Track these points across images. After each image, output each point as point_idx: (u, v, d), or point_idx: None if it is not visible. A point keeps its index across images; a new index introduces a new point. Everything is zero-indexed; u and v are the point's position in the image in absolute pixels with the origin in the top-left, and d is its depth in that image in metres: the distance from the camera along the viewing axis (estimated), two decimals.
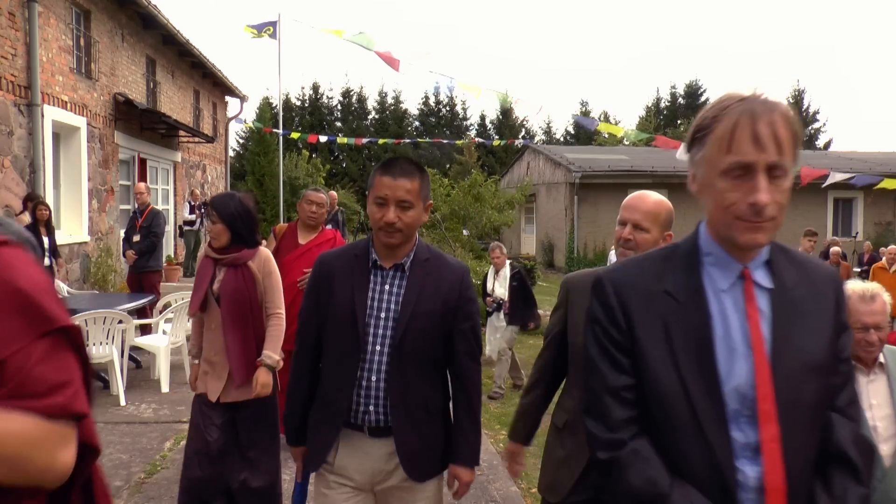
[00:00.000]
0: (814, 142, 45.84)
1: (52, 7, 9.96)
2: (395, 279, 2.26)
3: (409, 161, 2.20)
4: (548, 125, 47.95)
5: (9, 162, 8.86)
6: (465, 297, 2.29)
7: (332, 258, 2.34)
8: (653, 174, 22.11)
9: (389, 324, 2.21)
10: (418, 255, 2.29)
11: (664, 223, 2.29)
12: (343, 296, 2.23)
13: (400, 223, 2.16)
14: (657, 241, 2.25)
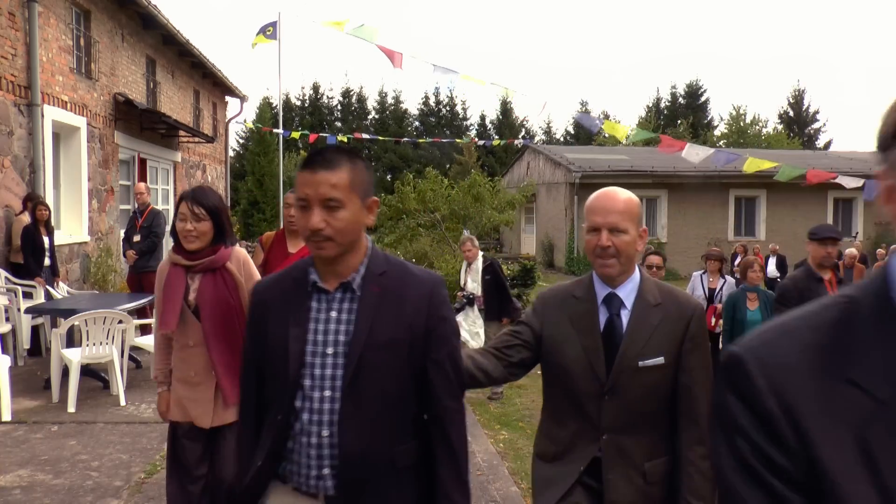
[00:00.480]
0: (814, 142, 45.84)
1: (52, 7, 9.96)
2: (344, 303, 1.77)
3: (337, 149, 1.74)
4: (548, 125, 47.98)
5: (9, 162, 8.86)
6: (436, 317, 1.80)
7: (266, 285, 1.91)
8: (653, 174, 22.10)
9: (339, 361, 1.73)
10: (371, 268, 1.80)
11: (639, 219, 2.14)
12: (277, 332, 1.77)
13: (329, 229, 1.69)
14: (636, 242, 2.11)
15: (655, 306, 2.10)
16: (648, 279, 2.18)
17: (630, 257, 2.11)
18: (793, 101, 46.94)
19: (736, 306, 5.90)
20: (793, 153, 30.01)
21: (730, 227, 22.74)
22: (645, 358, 2.05)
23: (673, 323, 2.08)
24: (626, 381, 2.06)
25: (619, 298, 2.12)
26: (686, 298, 2.17)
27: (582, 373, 2.11)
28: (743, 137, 42.98)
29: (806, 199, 22.71)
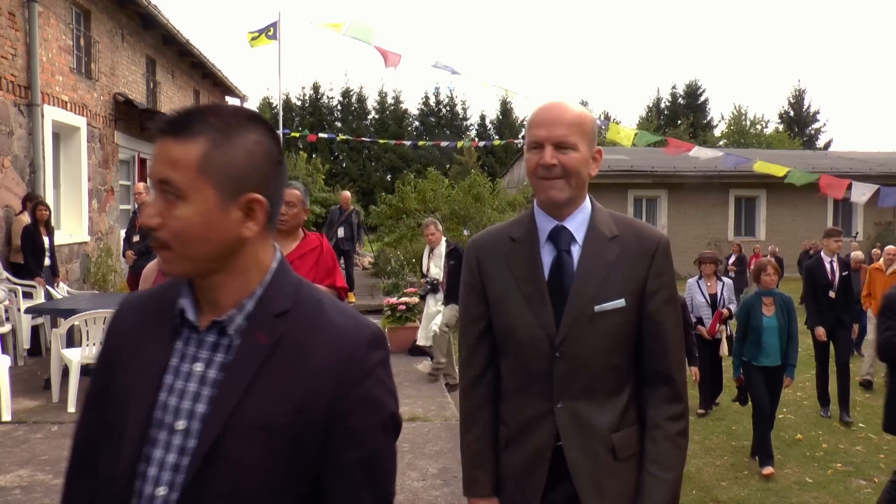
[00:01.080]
0: (814, 142, 45.83)
1: (52, 7, 9.96)
2: (217, 352, 1.12)
3: (207, 109, 1.15)
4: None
5: (9, 162, 8.86)
6: (352, 398, 1.10)
7: (130, 305, 1.24)
8: (653, 174, 22.11)
9: (190, 444, 1.08)
10: (266, 303, 1.12)
11: (591, 137, 1.76)
12: (122, 383, 1.14)
13: (164, 231, 1.10)
14: (588, 163, 1.75)
15: (612, 239, 1.76)
16: (602, 209, 1.83)
17: (581, 181, 1.75)
18: (793, 101, 46.95)
19: (751, 312, 5.52)
20: (793, 153, 30.01)
21: (730, 228, 22.73)
22: (601, 301, 1.71)
23: (634, 258, 1.75)
24: (581, 331, 1.71)
25: (567, 232, 1.77)
26: (648, 229, 1.83)
27: (526, 330, 1.74)
28: (744, 137, 42.97)
29: (806, 199, 22.67)
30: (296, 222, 3.68)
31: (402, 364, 8.13)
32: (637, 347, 1.78)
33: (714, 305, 6.97)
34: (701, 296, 7.00)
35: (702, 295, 7.00)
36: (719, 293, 6.96)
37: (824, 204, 23.00)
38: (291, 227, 3.70)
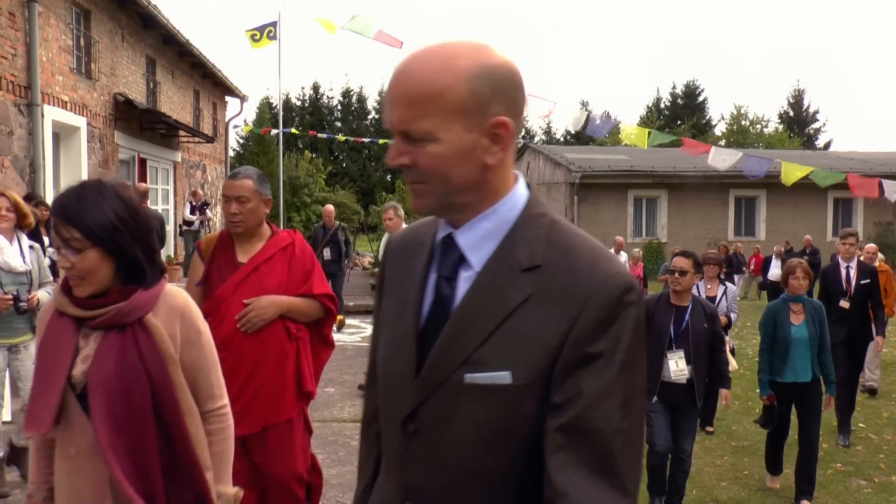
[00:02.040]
0: (813, 141, 45.84)
1: (52, 7, 9.96)
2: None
3: None
4: (548, 125, 48.02)
5: (9, 162, 8.86)
6: None
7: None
8: (653, 174, 22.11)
9: None
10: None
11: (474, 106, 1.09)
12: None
13: None
14: (467, 149, 1.10)
15: (527, 271, 1.09)
16: (542, 217, 1.15)
17: (457, 183, 1.11)
18: (793, 101, 46.97)
19: (777, 321, 4.85)
20: (793, 153, 30.02)
21: (730, 228, 22.73)
22: (477, 368, 1.08)
23: (550, 306, 1.07)
24: (443, 408, 1.12)
25: (455, 249, 1.15)
26: (593, 264, 1.10)
27: (387, 382, 1.22)
28: (744, 137, 42.98)
29: (806, 199, 22.70)
30: (254, 220, 3.03)
31: None
32: (537, 452, 1.08)
33: None
34: None
35: None
36: (719, 297, 6.40)
37: (824, 204, 23.00)
38: (249, 227, 3.03)
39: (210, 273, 3.09)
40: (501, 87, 1.09)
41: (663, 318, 4.32)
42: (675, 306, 4.35)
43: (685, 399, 4.29)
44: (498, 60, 1.10)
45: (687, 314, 4.32)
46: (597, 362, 1.05)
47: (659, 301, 4.42)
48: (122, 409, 1.79)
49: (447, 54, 1.08)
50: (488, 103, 1.08)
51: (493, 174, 1.12)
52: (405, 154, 1.11)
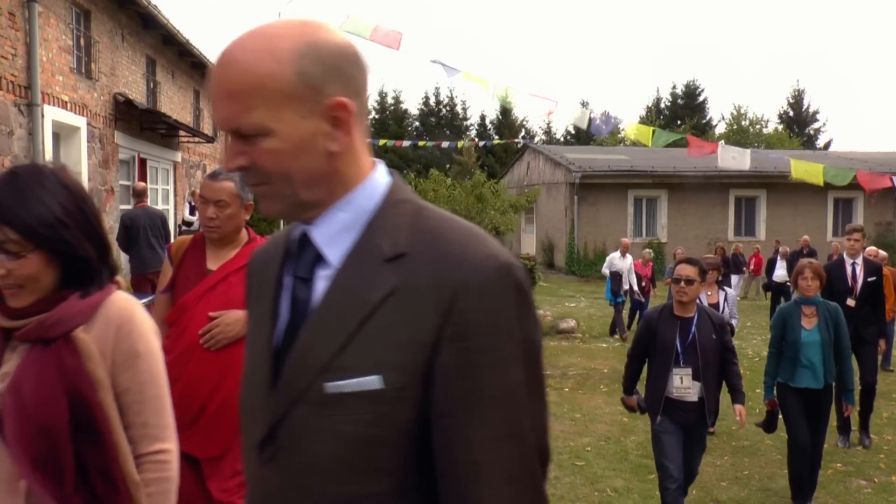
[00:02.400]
0: (813, 142, 45.85)
1: (52, 7, 9.95)
2: None
3: None
4: (548, 125, 48.03)
5: (9, 162, 8.86)
6: None
7: None
8: (653, 174, 22.11)
9: None
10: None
11: (304, 90, 0.96)
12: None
13: None
14: (307, 139, 0.97)
15: (391, 261, 0.97)
16: (406, 202, 1.03)
17: (304, 178, 0.99)
18: (793, 101, 46.98)
19: (787, 325, 4.61)
20: (793, 153, 30.02)
21: (730, 228, 22.74)
22: (339, 375, 0.95)
23: (417, 299, 0.94)
24: (302, 426, 0.98)
25: (311, 246, 1.03)
26: (462, 249, 0.96)
27: (244, 406, 1.09)
28: (744, 137, 43.00)
29: (806, 199, 22.72)
30: (232, 226, 2.75)
31: None
32: (415, 467, 0.96)
33: None
34: None
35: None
36: (721, 303, 6.05)
37: (824, 204, 23.02)
38: (226, 234, 2.76)
39: (177, 279, 2.81)
40: (334, 64, 0.97)
41: (668, 331, 3.98)
42: (680, 318, 4.02)
43: (695, 419, 3.98)
44: (326, 37, 0.98)
45: (693, 326, 3.98)
46: (482, 358, 0.93)
47: (662, 313, 4.10)
48: (39, 440, 1.46)
49: (267, 36, 0.96)
50: (321, 84, 0.96)
51: (341, 162, 1.00)
52: (241, 154, 0.98)
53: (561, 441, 5.81)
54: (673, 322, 4.01)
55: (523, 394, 0.95)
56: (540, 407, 0.99)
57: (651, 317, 4.16)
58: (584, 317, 13.36)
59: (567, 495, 4.73)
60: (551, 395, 7.41)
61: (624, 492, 4.84)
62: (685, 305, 4.04)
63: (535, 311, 1.00)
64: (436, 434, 0.95)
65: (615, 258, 11.30)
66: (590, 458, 5.46)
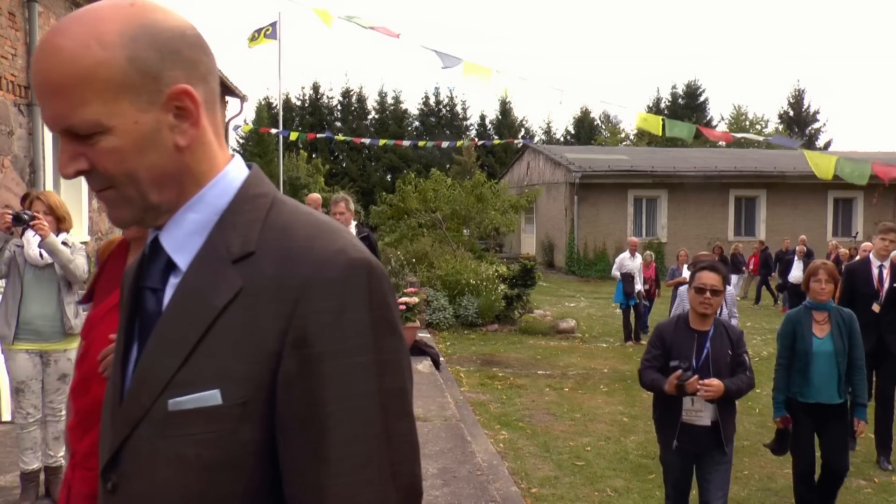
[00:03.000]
0: (814, 142, 45.87)
1: (52, 7, 9.96)
2: None
3: None
4: (548, 125, 48.06)
5: (9, 162, 8.86)
6: None
7: None
8: (653, 174, 22.12)
9: None
10: None
11: (137, 77, 0.85)
12: None
13: None
14: (145, 133, 0.86)
15: (237, 262, 0.87)
16: (260, 199, 0.92)
17: (149, 179, 0.88)
18: (793, 101, 47.00)
19: (796, 332, 4.18)
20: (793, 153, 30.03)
21: (730, 227, 22.74)
22: (182, 390, 0.85)
23: (261, 301, 0.85)
24: (146, 448, 0.87)
25: (162, 252, 0.93)
26: (309, 243, 0.87)
27: (101, 426, 0.98)
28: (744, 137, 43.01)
29: (806, 199, 22.74)
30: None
31: None
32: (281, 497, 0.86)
33: None
34: None
35: None
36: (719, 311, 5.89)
37: (824, 204, 23.03)
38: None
39: (96, 288, 2.34)
40: (172, 47, 0.87)
41: (684, 347, 3.50)
42: (697, 331, 3.54)
43: (710, 445, 3.48)
44: (160, 17, 0.88)
45: (708, 340, 3.51)
46: (326, 367, 0.81)
47: (678, 325, 3.62)
48: None
49: (92, 20, 0.84)
50: (159, 71, 0.85)
51: (192, 157, 0.89)
52: (79, 157, 0.86)
53: (561, 441, 5.81)
54: (689, 336, 3.54)
55: (374, 411, 0.82)
56: (402, 429, 0.84)
57: (666, 329, 3.66)
58: (584, 317, 13.36)
59: (567, 495, 4.73)
60: (551, 395, 7.41)
61: (624, 492, 4.84)
62: (706, 318, 3.55)
63: (394, 315, 0.87)
64: (279, 454, 0.84)
65: (625, 258, 10.79)
66: (590, 458, 5.46)
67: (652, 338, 3.74)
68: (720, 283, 3.51)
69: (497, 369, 8.60)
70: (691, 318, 3.59)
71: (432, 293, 11.55)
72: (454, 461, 4.95)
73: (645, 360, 3.64)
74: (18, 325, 4.02)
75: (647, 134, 42.34)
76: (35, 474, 4.17)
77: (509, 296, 11.87)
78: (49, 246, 4.01)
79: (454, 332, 11.09)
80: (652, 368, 3.57)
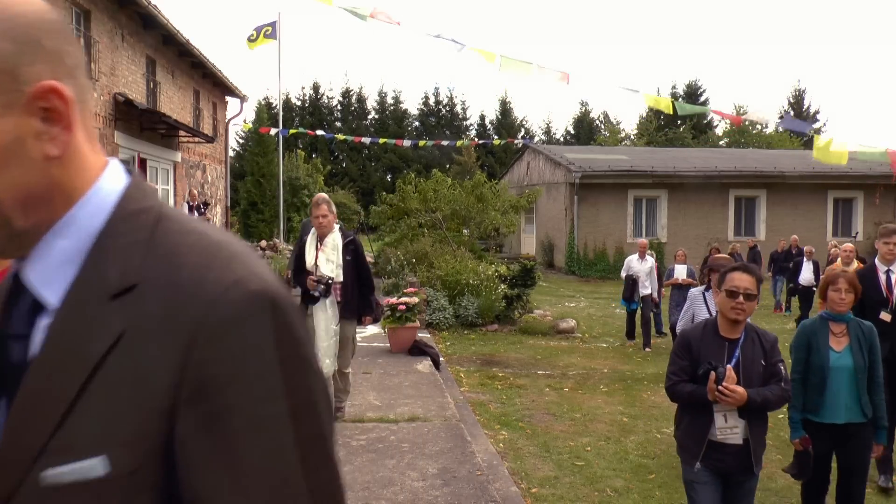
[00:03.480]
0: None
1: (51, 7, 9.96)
2: None
3: None
4: (548, 125, 48.08)
5: None
6: None
7: None
8: (653, 174, 22.11)
9: None
10: None
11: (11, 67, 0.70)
12: None
13: None
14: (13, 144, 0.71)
15: (118, 296, 0.71)
16: (142, 216, 0.76)
17: (12, 202, 0.72)
18: (793, 101, 47.00)
19: (811, 344, 3.86)
20: (792, 153, 30.04)
21: (730, 227, 22.74)
22: (59, 459, 0.69)
23: (148, 346, 0.70)
24: None
25: (25, 294, 0.76)
26: (200, 274, 0.71)
27: None
28: (744, 137, 43.02)
29: (806, 199, 22.74)
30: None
31: (401, 364, 8.13)
32: None
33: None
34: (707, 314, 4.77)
35: (708, 313, 4.80)
36: None
37: (824, 204, 23.03)
38: None
39: None
40: (30, 36, 0.71)
41: (712, 355, 3.15)
42: (727, 339, 3.21)
43: (739, 465, 3.16)
44: (13, 1, 0.72)
45: (738, 348, 3.18)
46: (232, 423, 0.68)
47: (705, 332, 3.27)
48: None
49: None
50: (16, 65, 0.70)
51: (64, 169, 0.74)
52: None
53: (561, 441, 5.81)
54: (718, 344, 3.20)
55: (293, 467, 0.70)
56: (324, 479, 0.74)
57: (692, 336, 3.30)
58: (584, 317, 13.36)
59: (567, 495, 4.72)
60: (551, 395, 7.41)
61: (624, 492, 4.84)
62: (737, 326, 3.21)
63: (306, 351, 0.74)
64: None
65: (632, 261, 10.65)
66: (590, 458, 5.46)
67: (677, 346, 3.39)
68: (754, 286, 3.17)
69: (497, 369, 8.60)
70: (720, 323, 3.24)
71: (432, 293, 11.55)
72: (454, 461, 4.95)
73: (672, 374, 3.27)
74: None
75: (647, 134, 42.38)
76: None
77: (509, 296, 11.86)
78: None
79: (454, 332, 11.08)
80: (683, 382, 3.22)
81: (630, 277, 10.46)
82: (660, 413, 6.85)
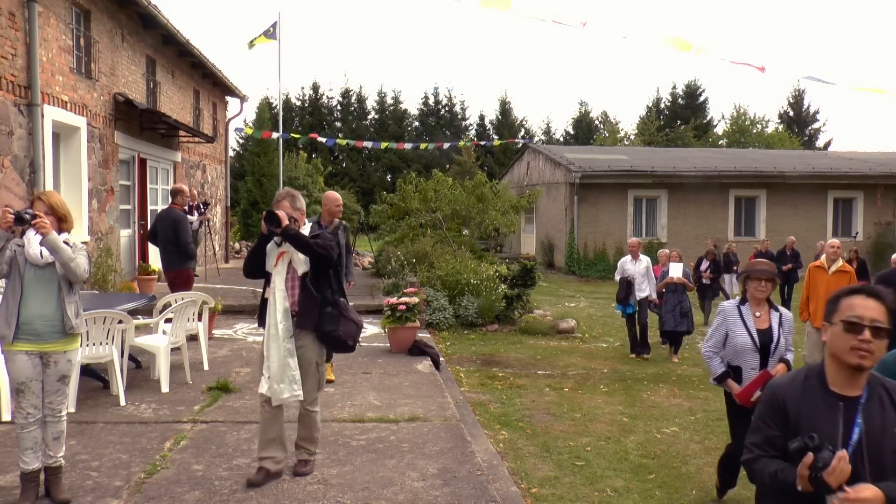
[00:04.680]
0: (813, 141, 45.85)
1: (52, 7, 9.95)
2: None
3: None
4: (547, 125, 48.08)
5: (9, 162, 8.85)
6: None
7: None
8: (652, 174, 22.12)
9: None
10: None
11: None
12: None
13: None
14: None
15: None
16: None
17: None
18: (793, 101, 47.01)
19: None
20: (792, 153, 30.06)
21: (730, 227, 22.74)
22: None
23: None
24: None
25: None
26: None
27: None
28: (744, 137, 43.03)
29: (806, 199, 22.77)
30: None
31: (401, 364, 8.13)
32: None
33: (764, 351, 4.22)
34: (745, 333, 4.26)
35: (746, 331, 4.27)
36: (775, 331, 4.27)
37: (824, 204, 23.05)
38: None
39: None
40: None
41: (822, 424, 2.12)
42: (842, 398, 2.15)
43: None
44: None
45: (858, 413, 2.12)
46: None
47: (806, 387, 2.20)
48: None
49: None
50: None
51: None
52: None
53: (561, 441, 5.81)
54: (830, 405, 2.15)
55: None
56: None
57: (786, 392, 2.22)
58: (584, 317, 13.36)
59: (567, 495, 4.72)
60: (551, 395, 7.41)
61: (624, 492, 4.84)
62: (859, 376, 2.14)
63: None
64: None
65: (626, 263, 10.05)
66: (590, 458, 5.46)
67: (763, 406, 2.27)
68: (885, 318, 2.11)
69: (497, 369, 8.60)
70: (831, 372, 2.18)
71: (432, 293, 11.55)
72: (454, 461, 4.95)
73: (753, 445, 2.26)
74: (18, 326, 4.02)
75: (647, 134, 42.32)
76: (35, 474, 4.18)
77: (509, 296, 11.86)
78: (50, 244, 4.00)
79: (454, 332, 11.08)
80: (768, 457, 2.22)
81: (624, 280, 9.96)
82: (660, 413, 6.85)
